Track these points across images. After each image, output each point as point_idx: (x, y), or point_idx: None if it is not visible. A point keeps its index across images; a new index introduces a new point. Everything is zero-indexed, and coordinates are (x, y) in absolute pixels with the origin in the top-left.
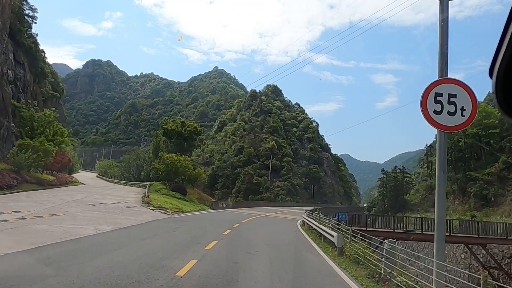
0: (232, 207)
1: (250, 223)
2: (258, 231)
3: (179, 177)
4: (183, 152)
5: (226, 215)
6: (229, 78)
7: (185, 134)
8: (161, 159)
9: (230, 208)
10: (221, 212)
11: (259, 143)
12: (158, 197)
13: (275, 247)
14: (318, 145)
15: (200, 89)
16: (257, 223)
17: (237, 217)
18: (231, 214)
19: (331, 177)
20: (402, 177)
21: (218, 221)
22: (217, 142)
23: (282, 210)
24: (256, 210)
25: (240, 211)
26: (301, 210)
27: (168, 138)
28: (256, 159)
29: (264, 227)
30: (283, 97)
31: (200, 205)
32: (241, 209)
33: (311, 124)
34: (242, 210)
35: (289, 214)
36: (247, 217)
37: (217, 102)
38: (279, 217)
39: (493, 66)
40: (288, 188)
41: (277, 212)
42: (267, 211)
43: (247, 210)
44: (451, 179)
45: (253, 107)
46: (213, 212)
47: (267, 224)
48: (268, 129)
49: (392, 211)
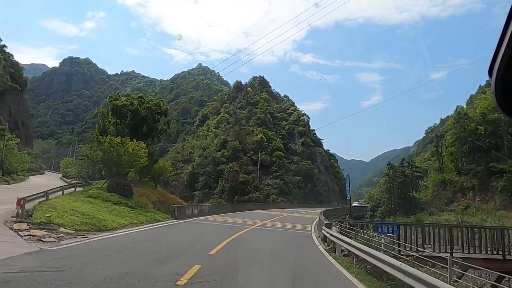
0: (208, 214)
1: (231, 260)
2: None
3: (124, 170)
4: (141, 139)
5: (182, 236)
6: (213, 75)
7: (142, 113)
8: (97, 144)
9: (205, 215)
10: (184, 224)
11: (246, 136)
12: (68, 203)
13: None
14: (310, 140)
15: (183, 85)
16: (246, 253)
17: (204, 239)
18: (197, 231)
19: (326, 174)
20: (411, 171)
21: (143, 263)
22: (198, 137)
23: (277, 215)
24: (242, 217)
25: (217, 219)
26: (302, 213)
27: (119, 118)
28: (242, 154)
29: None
30: (271, 89)
31: (152, 213)
32: (220, 215)
33: (302, 117)
34: (221, 217)
35: (292, 222)
36: (225, 237)
37: (200, 98)
38: (278, 228)
39: (493, 65)
40: (280, 186)
41: (272, 218)
42: (257, 217)
43: (228, 217)
44: (470, 172)
45: (238, 99)
46: (168, 226)
47: (268, 253)
48: (256, 121)
49: (401, 211)
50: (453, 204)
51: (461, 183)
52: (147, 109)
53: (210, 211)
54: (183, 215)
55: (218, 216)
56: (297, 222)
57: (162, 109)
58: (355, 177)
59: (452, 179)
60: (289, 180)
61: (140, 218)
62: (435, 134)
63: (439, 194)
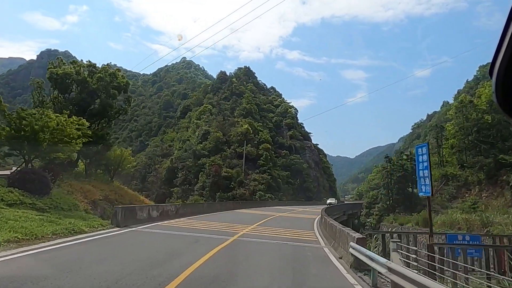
0: (175, 216)
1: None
2: None
3: (48, 155)
4: (92, 119)
5: (85, 272)
6: (198, 69)
7: (92, 85)
8: (2, 115)
9: (170, 218)
10: (123, 237)
11: (230, 127)
12: None
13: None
14: (298, 133)
15: (166, 79)
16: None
17: (124, 274)
18: (130, 253)
19: (315, 169)
20: (411, 165)
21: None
22: (178, 130)
23: (267, 215)
24: (222, 220)
25: (185, 225)
26: (295, 212)
27: (61, 91)
28: (225, 146)
29: None
30: (257, 80)
31: (75, 219)
32: (192, 218)
33: (289, 109)
34: (192, 221)
35: (288, 226)
36: (175, 267)
37: (184, 91)
38: (271, 239)
39: (493, 65)
40: (268, 182)
41: (261, 220)
42: (242, 218)
43: (203, 220)
44: (475, 165)
45: (222, 90)
46: (91, 242)
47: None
48: (241, 112)
49: (401, 209)
50: (457, 200)
51: (466, 178)
52: (99, 81)
53: (178, 213)
54: (132, 220)
55: (190, 219)
56: (294, 227)
57: (120, 82)
58: (341, 174)
59: (455, 173)
60: (278, 175)
61: (43, 230)
62: (435, 125)
63: (441, 190)
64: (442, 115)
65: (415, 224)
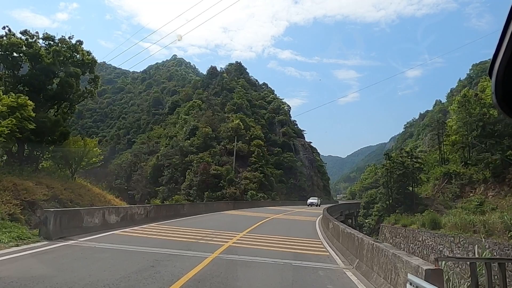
0: (143, 221)
1: None
2: None
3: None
4: (51, 103)
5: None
6: (189, 67)
7: (47, 61)
8: None
9: (136, 224)
10: (32, 261)
11: (219, 123)
12: None
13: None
14: (291, 130)
15: (155, 76)
16: None
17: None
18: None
19: (309, 167)
20: (412, 162)
21: None
22: (166, 126)
23: (260, 217)
24: (203, 226)
25: (150, 235)
26: (290, 213)
27: (9, 67)
28: (215, 142)
29: None
30: (249, 75)
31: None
32: (165, 224)
33: (282, 105)
34: (162, 228)
35: (289, 233)
36: None
37: (174, 88)
38: (271, 260)
39: (493, 66)
40: (260, 180)
41: (253, 225)
42: (230, 223)
43: (178, 227)
44: (481, 162)
45: (212, 85)
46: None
47: None
48: (232, 107)
49: (401, 209)
50: (461, 199)
51: (470, 176)
52: (55, 55)
53: (149, 217)
54: (74, 230)
55: (163, 225)
56: (294, 233)
57: (85, 59)
58: (333, 173)
59: (459, 171)
60: (271, 173)
61: None
62: (436, 120)
63: (443, 188)
64: (436, 114)
65: (420, 225)
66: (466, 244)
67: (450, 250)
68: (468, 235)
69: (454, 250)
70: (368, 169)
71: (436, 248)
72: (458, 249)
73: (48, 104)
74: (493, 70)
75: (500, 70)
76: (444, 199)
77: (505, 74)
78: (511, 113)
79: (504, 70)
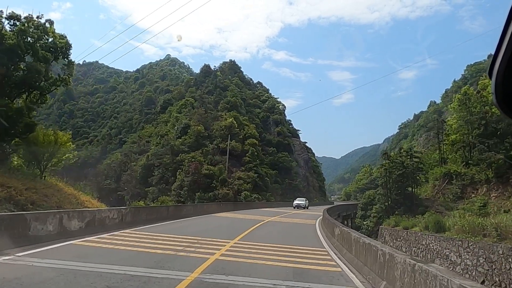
0: (117, 227)
1: None
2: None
3: None
4: (17, 90)
5: None
6: (182, 66)
7: (9, 41)
8: None
9: (111, 230)
10: None
11: (212, 121)
12: None
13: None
14: (287, 130)
15: (149, 75)
16: None
17: None
18: None
19: (304, 168)
20: (412, 162)
21: None
22: (157, 124)
23: (254, 220)
24: (186, 233)
25: (114, 245)
26: (287, 216)
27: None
28: (207, 141)
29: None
30: (243, 74)
31: None
32: (144, 229)
33: (277, 104)
34: (138, 236)
35: (289, 240)
36: None
37: (167, 87)
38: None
39: (493, 66)
40: (254, 180)
41: (245, 231)
42: (218, 229)
43: (158, 234)
44: (483, 162)
45: (205, 84)
46: None
47: None
48: (225, 105)
49: (401, 210)
50: (462, 200)
51: (471, 176)
52: (20, 36)
53: (124, 221)
54: (16, 239)
55: (139, 231)
56: (293, 240)
57: (58, 43)
58: (327, 174)
59: (459, 171)
60: (265, 173)
61: None
62: (436, 119)
63: (443, 189)
64: (431, 115)
65: (423, 228)
66: (476, 249)
67: (458, 255)
68: (477, 239)
69: (463, 255)
70: (363, 169)
71: (441, 252)
72: (467, 254)
73: (14, 92)
74: (493, 71)
75: (500, 71)
76: (444, 200)
77: (505, 75)
78: (511, 114)
79: (504, 71)
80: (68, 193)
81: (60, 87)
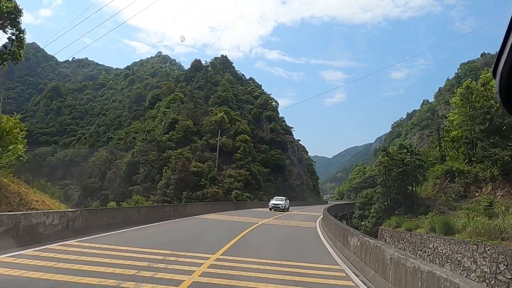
0: (60, 237)
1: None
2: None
3: None
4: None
5: None
6: (174, 64)
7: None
8: None
9: (49, 241)
10: None
11: (202, 116)
12: None
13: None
14: (280, 127)
15: (139, 72)
16: None
17: None
18: None
19: (298, 166)
20: (412, 159)
21: None
22: (144, 120)
23: (245, 221)
24: (161, 246)
25: (23, 273)
26: (281, 217)
27: None
28: (196, 137)
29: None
30: (235, 69)
31: None
32: (95, 239)
33: (270, 100)
34: (77, 254)
35: (298, 257)
36: None
37: (157, 84)
38: None
39: (497, 66)
40: (246, 179)
41: (232, 240)
42: (206, 239)
43: (110, 246)
44: (488, 159)
45: (196, 79)
46: None
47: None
48: (216, 100)
49: (401, 210)
50: (466, 199)
51: (475, 174)
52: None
53: (71, 228)
54: None
55: (88, 242)
56: (294, 250)
57: (3, 7)
58: (319, 173)
59: (462, 169)
60: (258, 171)
61: None
62: (436, 114)
63: (445, 188)
64: (424, 113)
65: (429, 230)
66: (495, 254)
67: (473, 261)
68: (496, 243)
69: (478, 261)
70: (356, 168)
71: (452, 257)
72: (483, 260)
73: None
74: (497, 70)
75: (504, 70)
76: (447, 199)
77: (509, 74)
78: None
79: (509, 70)
80: (13, 191)
81: (8, 62)
